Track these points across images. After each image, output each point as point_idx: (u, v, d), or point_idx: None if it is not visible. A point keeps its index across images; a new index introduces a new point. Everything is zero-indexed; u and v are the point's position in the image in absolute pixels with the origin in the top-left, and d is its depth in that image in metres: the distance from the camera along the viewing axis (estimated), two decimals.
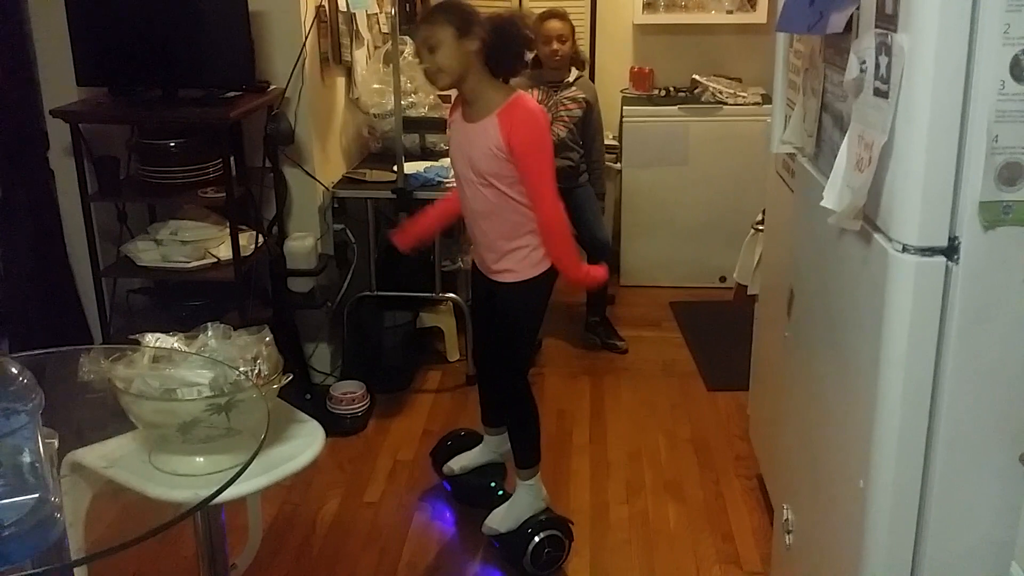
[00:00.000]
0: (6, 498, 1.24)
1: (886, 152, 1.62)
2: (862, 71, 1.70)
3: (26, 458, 1.26)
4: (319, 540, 2.88)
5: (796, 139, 2.31)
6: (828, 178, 1.82)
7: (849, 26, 1.82)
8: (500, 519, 2.77)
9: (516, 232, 2.56)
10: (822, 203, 1.81)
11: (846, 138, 1.78)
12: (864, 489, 1.76)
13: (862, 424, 1.76)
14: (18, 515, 1.24)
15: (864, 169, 1.66)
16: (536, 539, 2.67)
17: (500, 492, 2.91)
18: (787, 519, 2.37)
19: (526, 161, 2.46)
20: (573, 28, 3.90)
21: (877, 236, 1.69)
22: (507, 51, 2.50)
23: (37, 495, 1.26)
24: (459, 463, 3.05)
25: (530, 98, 2.55)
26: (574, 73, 3.92)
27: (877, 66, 1.64)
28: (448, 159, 3.79)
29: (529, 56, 2.59)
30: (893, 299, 1.64)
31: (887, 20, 1.62)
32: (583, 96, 3.90)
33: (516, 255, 2.59)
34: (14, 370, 1.27)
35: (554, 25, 3.82)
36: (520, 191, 2.51)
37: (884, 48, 1.61)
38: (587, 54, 4.05)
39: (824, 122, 2.08)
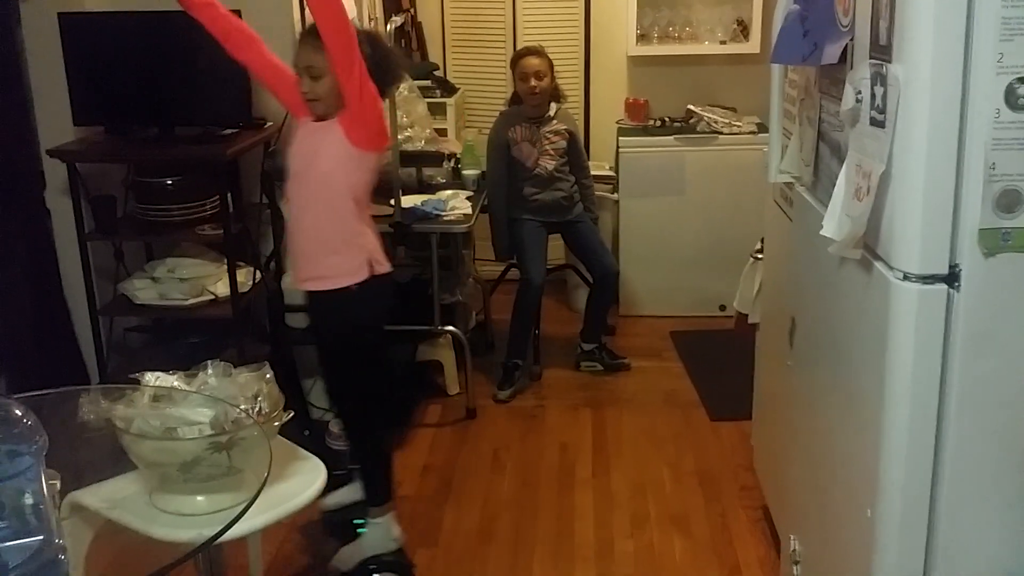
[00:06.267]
0: (10, 540, 1.23)
1: (884, 181, 1.62)
2: (858, 101, 1.72)
3: (29, 500, 1.25)
4: None
5: (794, 168, 2.32)
6: (827, 207, 1.83)
7: (844, 57, 1.83)
8: (346, 557, 2.68)
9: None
10: (821, 232, 1.82)
11: (844, 167, 1.79)
12: (872, 518, 1.74)
13: (868, 453, 1.75)
14: (22, 558, 1.23)
15: (863, 198, 1.67)
16: None
17: (360, 530, 2.74)
18: (794, 550, 2.35)
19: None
20: (551, 63, 3.90)
21: (878, 264, 1.70)
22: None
23: (41, 537, 1.25)
24: (334, 498, 2.83)
25: None
26: (554, 107, 3.95)
27: (873, 96, 1.65)
28: (446, 191, 3.84)
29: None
30: (895, 327, 1.64)
31: (881, 51, 1.63)
32: (565, 128, 3.97)
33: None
34: (18, 412, 1.27)
35: (531, 62, 3.83)
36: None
37: (879, 78, 1.62)
38: (562, 88, 4.08)
39: (821, 151, 2.09)
